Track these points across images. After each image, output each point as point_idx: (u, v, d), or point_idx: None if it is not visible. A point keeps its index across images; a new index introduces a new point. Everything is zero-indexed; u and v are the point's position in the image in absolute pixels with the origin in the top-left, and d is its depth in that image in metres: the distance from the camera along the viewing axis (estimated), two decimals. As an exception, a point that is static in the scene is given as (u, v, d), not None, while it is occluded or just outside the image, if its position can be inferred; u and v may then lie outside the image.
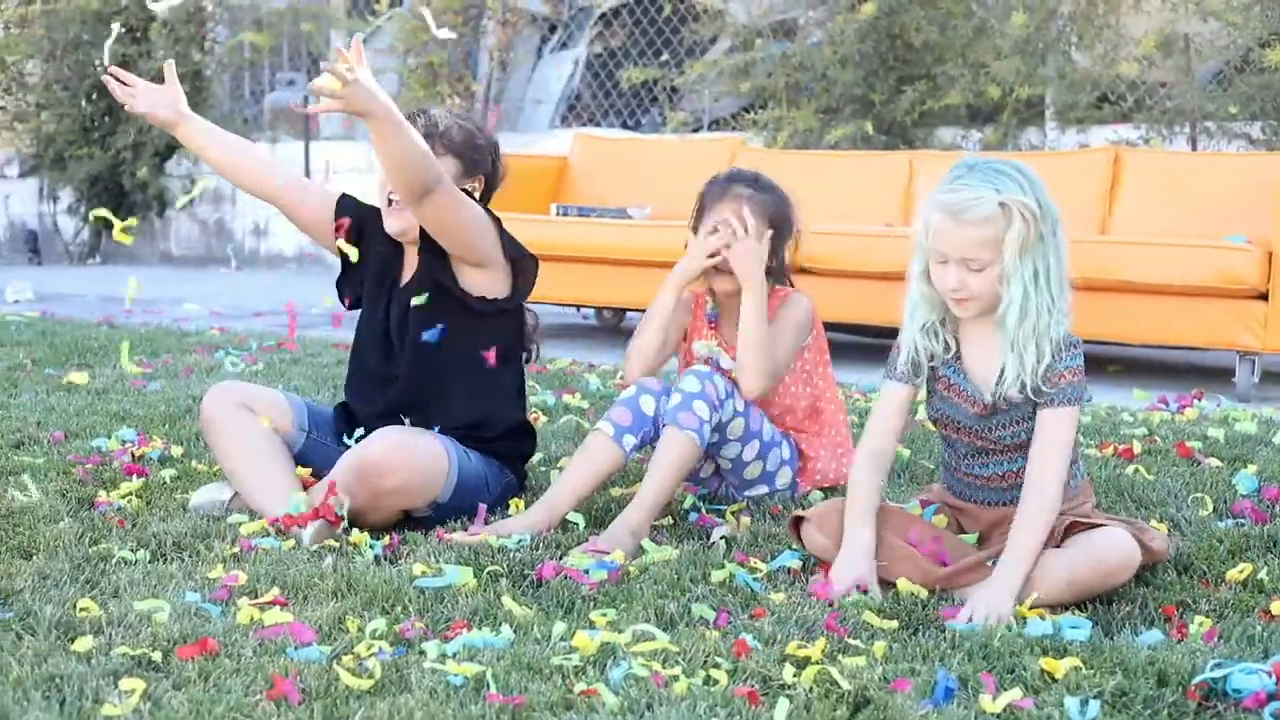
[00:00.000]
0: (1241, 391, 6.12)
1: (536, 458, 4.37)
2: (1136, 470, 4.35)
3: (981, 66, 9.01)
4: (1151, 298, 6.23)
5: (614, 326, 8.56)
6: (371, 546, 3.49)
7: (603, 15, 12.05)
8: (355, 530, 3.60)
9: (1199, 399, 5.73)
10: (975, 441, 3.40)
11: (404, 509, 3.74)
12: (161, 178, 13.09)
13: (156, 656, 2.76)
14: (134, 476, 4.18)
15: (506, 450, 3.99)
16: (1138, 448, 4.67)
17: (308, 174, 12.40)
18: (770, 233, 4.04)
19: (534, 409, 5.39)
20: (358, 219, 4.08)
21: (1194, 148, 8.64)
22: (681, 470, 3.76)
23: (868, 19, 9.13)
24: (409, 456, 3.69)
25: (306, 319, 8.31)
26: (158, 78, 4.59)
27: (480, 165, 4.04)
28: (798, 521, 3.44)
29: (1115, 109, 9.10)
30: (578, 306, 8.55)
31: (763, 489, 4.02)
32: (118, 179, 13.13)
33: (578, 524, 3.74)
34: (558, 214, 7.88)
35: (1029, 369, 3.25)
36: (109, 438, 4.69)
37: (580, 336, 8.04)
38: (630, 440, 3.83)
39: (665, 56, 11.24)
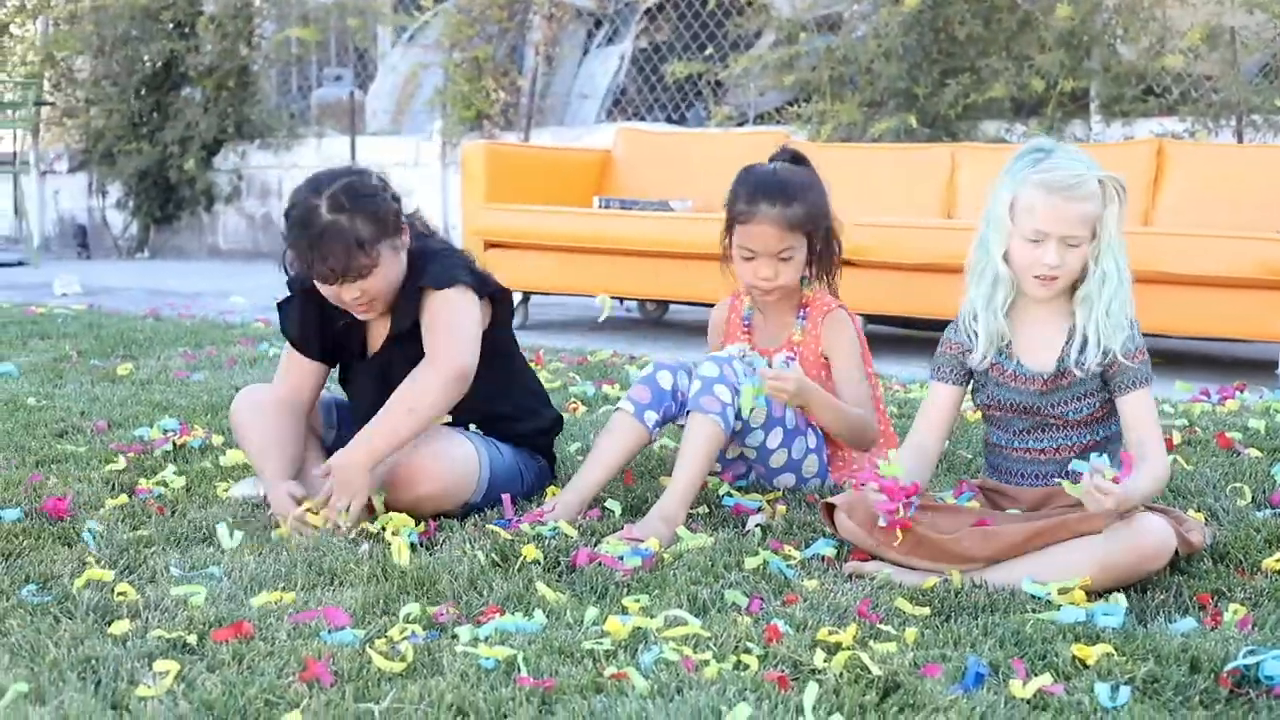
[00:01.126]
0: (1287, 383, 6.09)
1: (574, 446, 4.38)
2: (1175, 460, 4.33)
3: (1025, 59, 8.98)
4: (1194, 289, 6.19)
5: (657, 319, 8.57)
6: (409, 534, 3.51)
7: (648, 10, 12.05)
8: (393, 516, 3.62)
9: (1241, 391, 5.70)
10: (1034, 419, 3.42)
11: (438, 511, 3.74)
12: (209, 172, 13.18)
13: (192, 639, 2.78)
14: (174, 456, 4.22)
15: (531, 435, 4.00)
16: (1177, 438, 4.65)
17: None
18: (804, 243, 3.98)
19: (574, 399, 5.40)
20: (315, 330, 3.96)
21: (1240, 141, 8.59)
22: (710, 455, 3.76)
23: (912, 12, 9.10)
24: (441, 463, 3.69)
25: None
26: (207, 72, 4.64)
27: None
28: (830, 508, 3.44)
29: (1160, 102, 9.06)
30: (621, 299, 8.56)
31: (790, 477, 4.01)
32: (165, 174, 13.22)
33: (614, 511, 3.75)
34: (600, 206, 7.89)
35: (1118, 340, 3.31)
36: (151, 427, 4.73)
37: (622, 329, 8.05)
38: (652, 416, 3.83)
39: (710, 51, 11.24)
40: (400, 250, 3.76)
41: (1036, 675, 2.64)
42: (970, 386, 3.53)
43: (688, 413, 3.78)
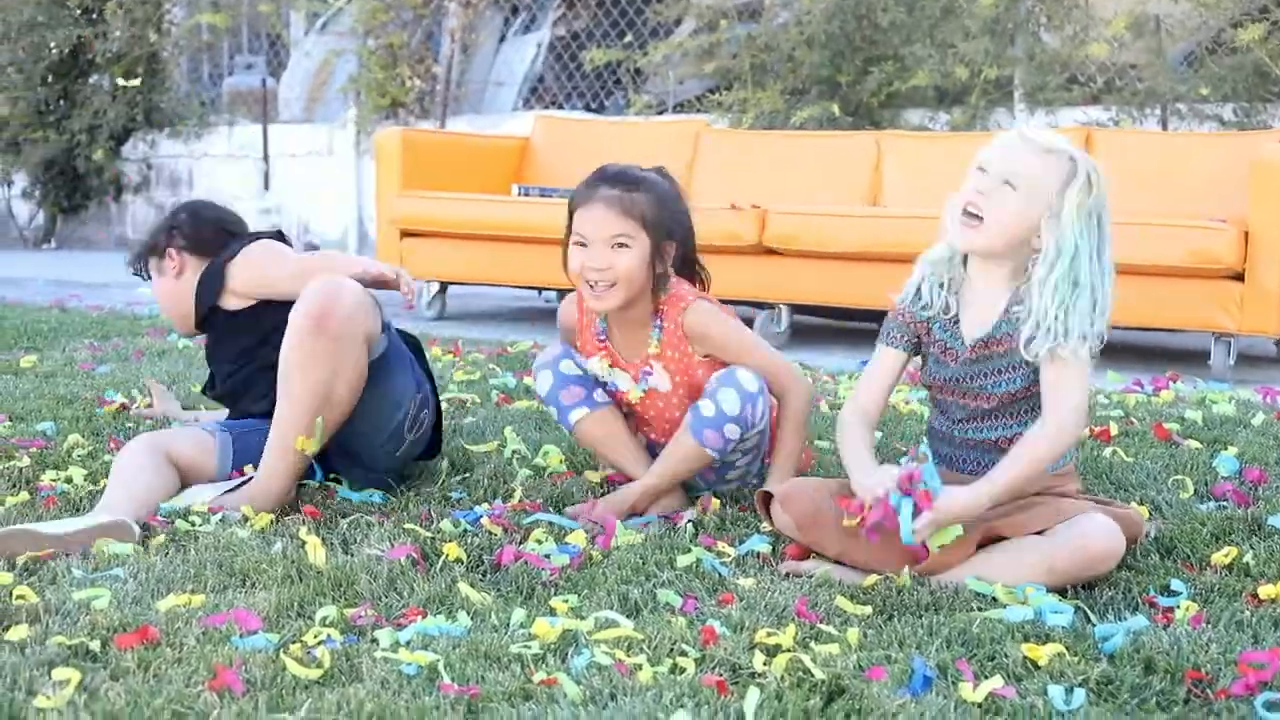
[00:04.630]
0: (1217, 374, 6.02)
1: (494, 444, 4.24)
2: (1115, 452, 4.24)
3: (949, 47, 8.90)
4: (1125, 279, 6.09)
5: (576, 310, 8.41)
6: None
7: (564, -1, 11.92)
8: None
9: (1175, 381, 5.62)
10: (967, 402, 3.27)
11: (366, 338, 3.61)
12: (116, 161, 12.91)
13: (94, 646, 2.62)
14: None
15: None
16: (1114, 429, 4.55)
17: (266, 158, 12.25)
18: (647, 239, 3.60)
19: (500, 390, 5.26)
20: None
21: (1165, 129, 8.54)
22: (689, 474, 3.65)
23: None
24: (340, 284, 3.60)
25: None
26: (116, 59, 4.63)
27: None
28: (765, 498, 3.31)
29: (1085, 90, 9.00)
30: (539, 290, 8.42)
31: (736, 482, 3.86)
32: (73, 163, 12.94)
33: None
34: (519, 194, 7.73)
35: (1066, 325, 3.11)
36: (54, 421, 4.55)
37: (540, 319, 7.90)
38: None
39: (629, 39, 11.11)
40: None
41: (986, 677, 2.52)
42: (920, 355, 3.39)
43: (689, 430, 3.59)
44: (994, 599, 2.95)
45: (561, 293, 8.42)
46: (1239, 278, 5.92)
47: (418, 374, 3.86)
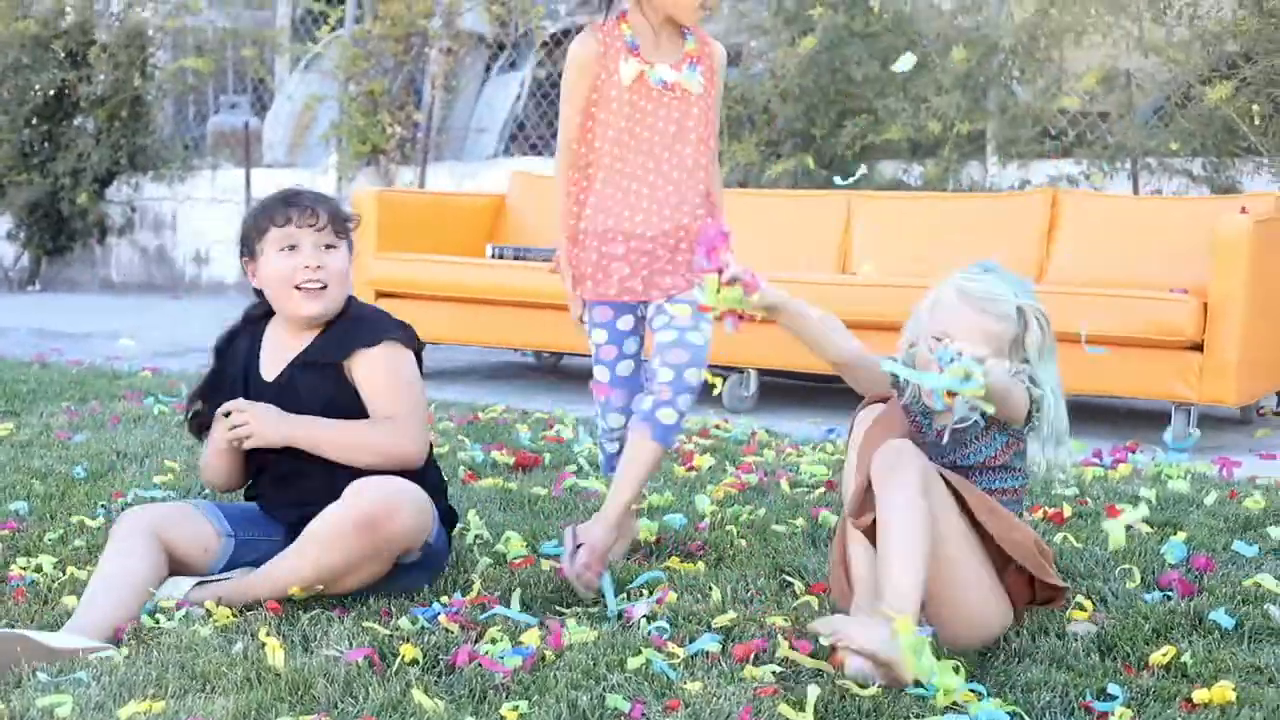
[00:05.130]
0: (1177, 439, 6.10)
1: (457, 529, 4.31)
2: (1065, 538, 4.32)
3: (922, 101, 8.99)
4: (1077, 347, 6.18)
5: (552, 366, 8.50)
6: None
7: (545, 43, 11.97)
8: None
9: (1133, 451, 5.71)
10: (950, 461, 3.45)
11: (403, 551, 3.65)
12: (101, 204, 12.98)
13: (54, 759, 2.69)
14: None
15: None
16: (1067, 510, 4.63)
17: (248, 202, 12.31)
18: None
19: (467, 467, 5.33)
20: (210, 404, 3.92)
21: (1135, 183, 8.64)
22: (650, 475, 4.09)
23: (809, 52, 9.09)
24: (404, 493, 3.62)
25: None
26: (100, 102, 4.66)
27: None
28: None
29: (1056, 144, 9.10)
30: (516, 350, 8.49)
31: None
32: (57, 205, 13.01)
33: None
34: (493, 255, 7.81)
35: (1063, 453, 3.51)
36: (28, 500, 4.61)
37: (516, 376, 7.98)
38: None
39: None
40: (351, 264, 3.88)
41: (921, 793, 2.60)
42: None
43: (642, 428, 3.93)
44: (933, 704, 3.02)
45: (538, 354, 8.54)
46: (1199, 348, 6.01)
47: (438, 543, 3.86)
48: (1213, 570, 4.01)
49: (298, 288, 3.75)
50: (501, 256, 7.76)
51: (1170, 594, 3.79)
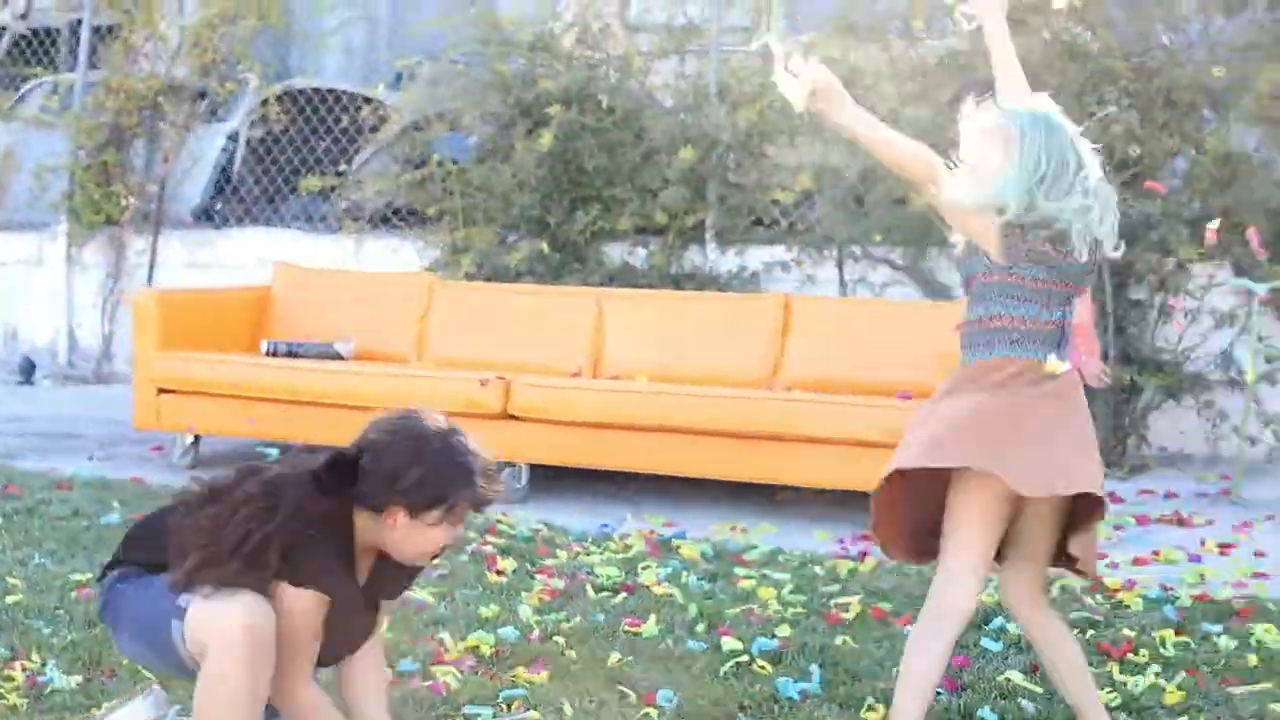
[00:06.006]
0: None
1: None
2: (844, 640, 5.05)
3: (649, 191, 9.71)
4: (829, 448, 6.97)
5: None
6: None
7: (267, 99, 12.22)
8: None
9: (869, 539, 6.49)
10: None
11: None
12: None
13: None
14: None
15: None
16: (834, 607, 5.37)
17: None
18: None
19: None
20: None
21: (840, 270, 9.52)
22: None
23: (546, 148, 9.72)
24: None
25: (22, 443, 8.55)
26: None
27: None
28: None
29: (769, 232, 9.92)
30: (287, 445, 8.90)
31: None
32: None
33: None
34: (267, 351, 8.24)
35: None
36: None
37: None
38: None
39: (343, 166, 11.38)
40: None
41: None
42: None
43: None
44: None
45: (308, 448, 8.90)
46: (928, 448, 6.83)
47: None
48: (969, 666, 4.79)
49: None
50: (275, 353, 8.21)
51: (941, 692, 4.54)
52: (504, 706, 4.40)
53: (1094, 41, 8.91)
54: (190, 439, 8.15)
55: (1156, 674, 4.75)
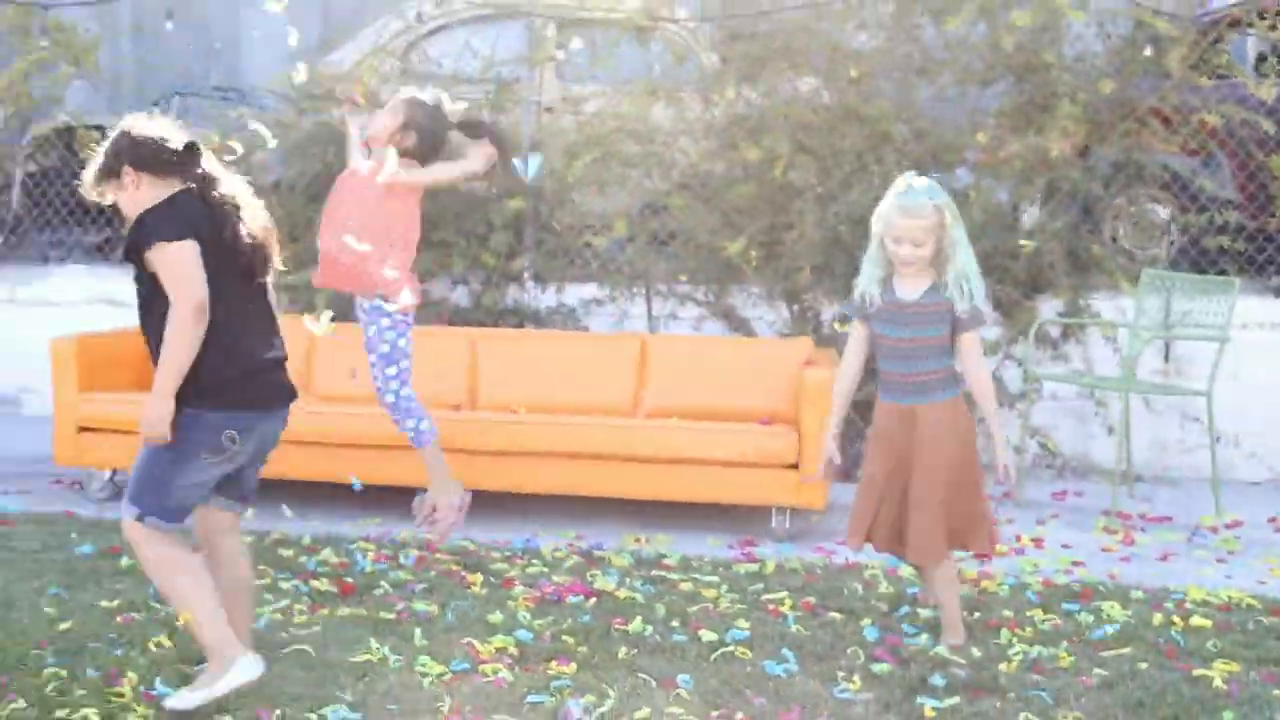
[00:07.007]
0: (778, 534, 8.12)
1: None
2: (797, 629, 6.24)
3: (479, 238, 10.73)
4: (710, 469, 8.15)
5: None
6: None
7: (49, 136, 12.71)
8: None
9: (752, 545, 7.71)
10: (899, 345, 5.75)
11: None
12: None
13: None
14: None
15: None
16: (770, 603, 6.56)
17: None
18: None
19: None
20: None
21: (649, 304, 10.69)
22: None
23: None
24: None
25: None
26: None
27: None
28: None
29: (584, 271, 11.04)
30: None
31: None
32: None
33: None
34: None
35: (973, 283, 5.77)
36: None
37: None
38: None
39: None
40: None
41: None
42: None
43: None
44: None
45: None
46: (794, 466, 8.07)
47: None
48: (901, 645, 6.04)
49: None
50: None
51: (884, 664, 5.78)
52: (560, 694, 5.46)
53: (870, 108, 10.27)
54: (109, 474, 8.86)
55: (1042, 645, 6.07)
